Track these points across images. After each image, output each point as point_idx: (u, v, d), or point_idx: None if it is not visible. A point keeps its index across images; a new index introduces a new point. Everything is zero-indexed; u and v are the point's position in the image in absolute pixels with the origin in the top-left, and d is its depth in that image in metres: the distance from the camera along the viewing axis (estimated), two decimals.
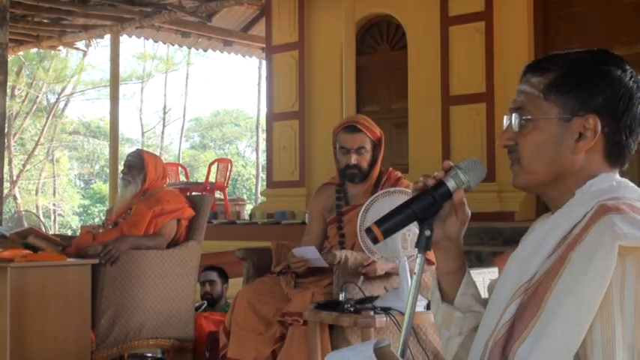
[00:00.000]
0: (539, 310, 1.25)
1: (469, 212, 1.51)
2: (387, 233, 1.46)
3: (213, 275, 5.23)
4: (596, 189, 1.35)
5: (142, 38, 11.56)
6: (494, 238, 6.57)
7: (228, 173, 10.28)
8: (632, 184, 1.37)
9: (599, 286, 1.20)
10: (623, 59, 1.41)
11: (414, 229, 1.52)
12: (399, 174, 3.79)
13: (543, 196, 1.44)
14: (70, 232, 21.35)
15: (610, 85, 1.36)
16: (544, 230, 1.36)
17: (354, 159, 3.62)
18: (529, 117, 1.40)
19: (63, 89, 24.37)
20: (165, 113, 26.70)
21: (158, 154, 18.40)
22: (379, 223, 1.46)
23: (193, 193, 7.91)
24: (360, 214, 3.32)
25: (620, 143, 1.38)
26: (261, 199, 14.98)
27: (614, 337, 1.19)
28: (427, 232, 1.47)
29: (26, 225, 5.31)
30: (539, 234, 1.36)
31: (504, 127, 1.45)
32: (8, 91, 12.13)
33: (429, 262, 3.01)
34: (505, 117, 1.45)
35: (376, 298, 3.32)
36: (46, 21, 10.24)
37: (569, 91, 1.37)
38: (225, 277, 5.32)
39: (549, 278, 1.26)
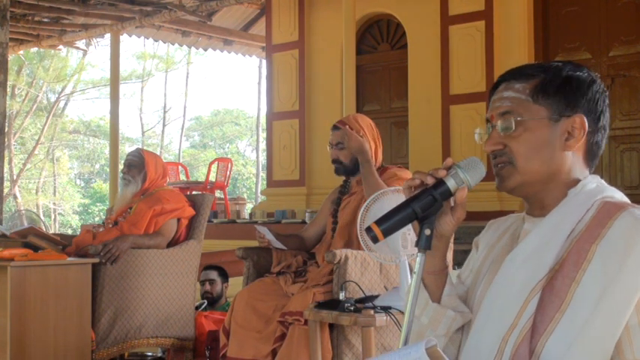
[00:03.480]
0: (564, 303, 1.31)
1: (465, 212, 1.53)
2: (387, 233, 1.46)
3: (214, 274, 5.23)
4: (589, 189, 1.43)
5: (142, 37, 11.56)
6: None
7: (228, 172, 10.28)
8: (608, 185, 1.47)
9: None
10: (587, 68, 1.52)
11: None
12: (395, 168, 3.84)
13: (532, 196, 1.49)
14: (70, 231, 21.37)
15: (589, 88, 1.46)
16: (547, 227, 1.41)
17: (333, 153, 3.83)
18: (521, 119, 1.45)
19: (63, 88, 24.39)
20: (165, 112, 26.72)
21: (158, 153, 18.42)
22: (379, 222, 1.46)
23: (193, 192, 7.91)
24: (360, 214, 3.33)
25: (597, 143, 1.48)
26: (261, 198, 15.00)
27: None
28: (427, 232, 1.47)
29: (26, 224, 5.30)
30: (543, 231, 1.41)
31: (483, 135, 1.51)
32: (8, 90, 12.13)
33: None
34: (486, 126, 1.51)
35: (376, 297, 3.32)
36: (46, 20, 10.24)
37: (555, 94, 1.45)
38: (225, 276, 5.32)
39: (566, 272, 1.33)
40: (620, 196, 1.42)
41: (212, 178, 9.97)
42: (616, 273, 1.28)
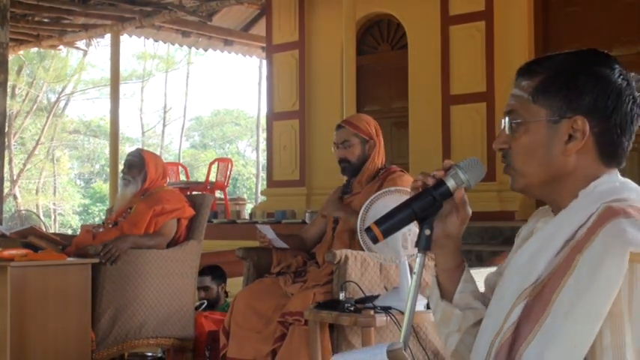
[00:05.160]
0: (545, 314, 1.25)
1: (470, 211, 1.51)
2: (387, 233, 1.46)
3: (207, 281, 5.14)
4: (600, 190, 1.34)
5: (143, 37, 11.58)
6: (494, 237, 6.58)
7: (228, 172, 10.27)
8: (634, 185, 1.36)
9: (608, 293, 1.20)
10: (612, 57, 1.40)
11: (414, 228, 1.52)
12: (397, 169, 3.84)
13: (543, 198, 1.44)
14: (70, 232, 21.35)
15: (597, 84, 1.36)
16: (548, 231, 1.35)
17: (340, 153, 3.81)
18: (519, 120, 1.40)
19: (63, 88, 24.39)
20: (165, 112, 26.72)
21: (158, 153, 18.41)
22: (379, 222, 1.46)
23: (193, 193, 7.90)
24: (360, 214, 3.33)
25: (612, 142, 1.37)
26: (261, 198, 14.99)
27: (623, 342, 1.20)
28: (427, 232, 1.47)
29: (26, 224, 5.30)
30: (543, 234, 1.36)
31: (500, 131, 1.46)
32: (9, 90, 12.14)
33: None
34: (502, 120, 1.45)
35: (376, 297, 3.32)
36: (46, 20, 10.24)
37: (557, 93, 1.37)
38: (220, 277, 5.27)
39: (555, 281, 1.26)
40: (636, 196, 1.32)
41: (212, 178, 9.97)
42: (586, 287, 1.21)
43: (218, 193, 10.17)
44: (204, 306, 5.06)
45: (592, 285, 1.21)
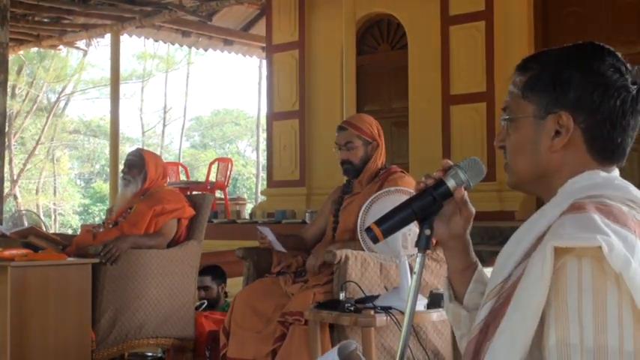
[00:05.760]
0: (505, 315, 1.22)
1: (473, 210, 1.51)
2: (387, 233, 1.46)
3: (207, 281, 5.16)
4: (578, 187, 1.30)
5: (143, 37, 11.57)
6: (494, 237, 6.57)
7: (228, 172, 10.28)
8: (620, 182, 1.31)
9: (538, 291, 1.16)
10: (606, 49, 1.36)
11: (414, 228, 1.52)
12: (397, 169, 3.84)
13: (536, 194, 1.44)
14: (70, 232, 21.33)
15: (583, 78, 1.32)
16: (521, 231, 1.33)
17: (342, 154, 3.80)
18: (509, 117, 1.40)
19: (63, 88, 24.39)
20: (165, 112, 26.72)
21: (158, 153, 18.39)
22: (379, 222, 1.46)
23: (194, 193, 7.90)
24: (360, 214, 3.33)
25: (602, 138, 1.32)
26: (261, 198, 14.99)
27: (569, 341, 1.13)
28: (427, 232, 1.47)
29: (27, 224, 5.30)
30: (519, 233, 1.33)
31: (500, 128, 1.46)
32: (9, 90, 12.14)
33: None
34: None
35: (376, 297, 3.32)
36: (46, 20, 10.25)
37: (544, 89, 1.35)
38: (221, 276, 5.28)
39: (518, 281, 1.23)
40: (621, 194, 1.27)
41: (212, 178, 9.97)
42: (525, 284, 1.18)
43: (218, 193, 10.17)
44: (204, 306, 5.06)
45: (524, 285, 1.18)
